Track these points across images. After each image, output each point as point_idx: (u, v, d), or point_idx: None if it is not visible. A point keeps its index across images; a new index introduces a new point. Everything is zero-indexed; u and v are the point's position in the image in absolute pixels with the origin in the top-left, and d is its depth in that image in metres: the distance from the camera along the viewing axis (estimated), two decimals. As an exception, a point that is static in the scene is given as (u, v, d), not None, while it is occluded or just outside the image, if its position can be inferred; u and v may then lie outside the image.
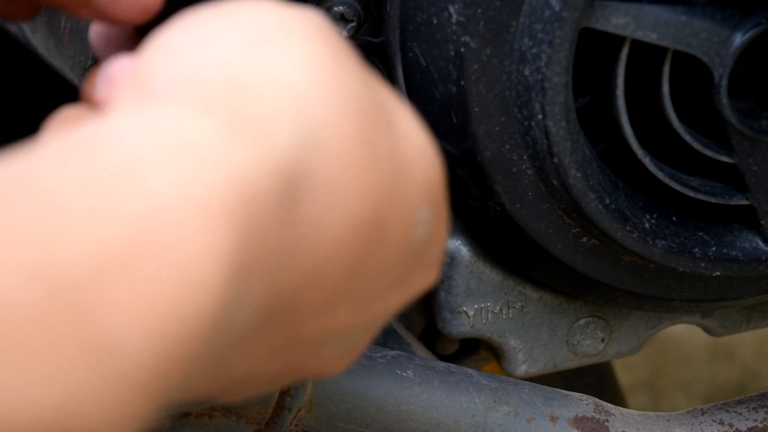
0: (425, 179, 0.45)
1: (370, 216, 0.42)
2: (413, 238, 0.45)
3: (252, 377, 0.44)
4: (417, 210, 0.44)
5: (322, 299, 0.42)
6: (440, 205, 0.46)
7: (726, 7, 0.64)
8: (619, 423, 0.74)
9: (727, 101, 0.65)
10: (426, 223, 0.45)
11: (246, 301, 0.37)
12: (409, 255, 0.45)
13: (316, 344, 0.45)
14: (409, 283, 0.47)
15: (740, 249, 0.71)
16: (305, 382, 0.69)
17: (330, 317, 0.43)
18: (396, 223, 0.43)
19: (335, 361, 0.47)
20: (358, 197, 0.41)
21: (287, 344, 0.43)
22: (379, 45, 0.71)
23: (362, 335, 0.47)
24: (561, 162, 0.66)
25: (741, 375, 1.65)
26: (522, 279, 0.77)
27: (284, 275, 0.39)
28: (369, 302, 0.45)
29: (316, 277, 0.41)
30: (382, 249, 0.43)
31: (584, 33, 0.64)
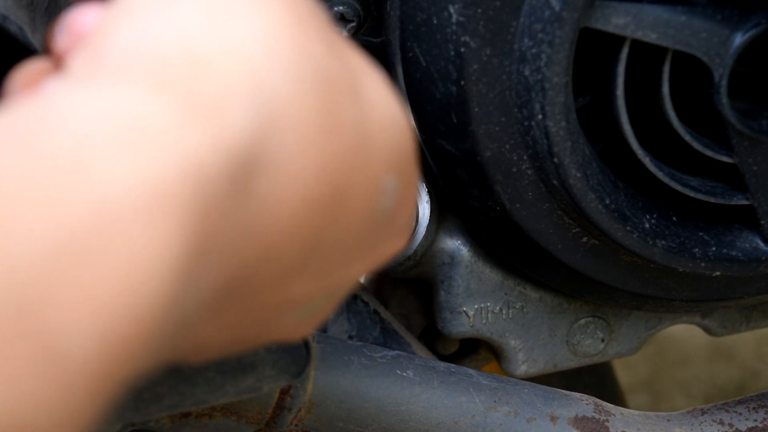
0: (392, 146, 0.43)
1: (327, 189, 0.40)
2: (378, 206, 0.43)
3: (207, 346, 0.43)
4: (382, 178, 0.43)
5: (278, 272, 0.41)
6: (408, 172, 0.45)
7: (726, 7, 0.64)
8: (619, 423, 0.74)
9: (727, 101, 0.65)
10: (392, 191, 0.44)
11: (199, 286, 0.37)
12: (373, 223, 0.44)
13: (275, 313, 0.44)
14: (375, 249, 0.46)
15: (740, 249, 0.71)
16: (305, 382, 0.69)
17: (287, 288, 0.42)
18: (358, 194, 0.42)
19: (298, 326, 0.46)
20: (315, 172, 0.40)
21: (243, 315, 0.42)
22: (379, 45, 0.71)
23: (326, 301, 0.46)
24: (561, 162, 0.66)
25: (741, 375, 1.65)
26: (522, 279, 0.77)
27: (238, 255, 0.38)
28: (330, 271, 0.44)
29: (272, 253, 0.40)
30: (342, 219, 0.42)
31: (584, 33, 0.64)
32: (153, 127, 0.35)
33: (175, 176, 0.35)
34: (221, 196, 0.36)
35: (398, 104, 0.44)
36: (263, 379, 0.61)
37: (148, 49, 0.38)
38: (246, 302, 0.41)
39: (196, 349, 0.43)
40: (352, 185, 0.42)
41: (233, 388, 0.61)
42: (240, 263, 0.39)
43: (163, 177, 0.34)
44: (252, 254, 0.39)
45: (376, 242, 0.45)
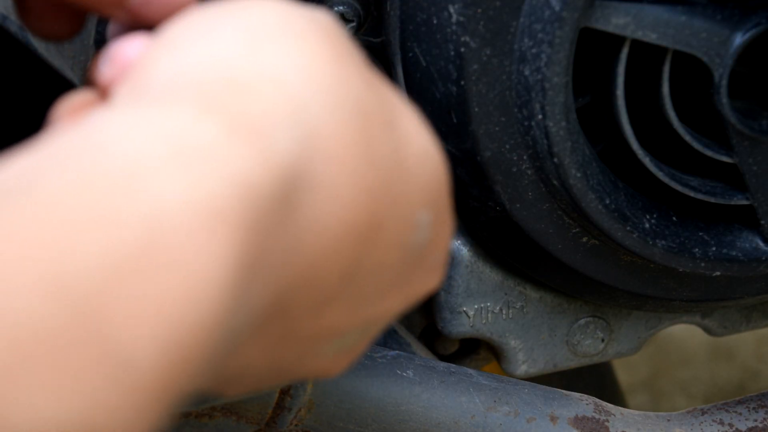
0: (426, 181, 0.44)
1: (366, 218, 0.41)
2: (412, 240, 0.44)
3: (246, 375, 0.44)
4: (416, 212, 0.44)
5: (316, 299, 0.42)
6: (442, 207, 0.46)
7: (726, 7, 0.64)
8: (619, 423, 0.74)
9: (727, 101, 0.65)
10: (426, 226, 0.45)
11: (248, 303, 0.37)
12: (408, 257, 0.45)
13: (311, 343, 0.45)
14: (410, 285, 0.47)
15: (740, 249, 0.71)
16: (305, 382, 0.69)
17: (324, 317, 0.43)
18: (394, 225, 0.43)
19: (333, 361, 0.47)
20: (355, 199, 0.41)
21: (281, 342, 0.43)
22: (379, 45, 0.71)
23: (361, 336, 0.47)
24: (561, 162, 0.66)
25: (741, 375, 1.65)
26: (522, 279, 0.77)
27: (284, 275, 0.39)
28: (365, 303, 0.45)
29: (312, 277, 0.41)
30: (378, 250, 0.43)
31: (584, 33, 0.64)
32: (202, 147, 0.36)
33: (226, 193, 0.36)
34: (270, 215, 0.37)
35: (433, 140, 0.45)
36: (263, 379, 0.61)
37: (192, 75, 0.39)
38: (285, 325, 0.42)
39: (234, 377, 0.44)
40: (389, 215, 0.43)
41: (233, 388, 0.60)
42: (284, 284, 0.40)
43: (215, 194, 0.35)
44: (294, 275, 0.40)
45: (411, 278, 0.46)
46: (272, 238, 0.38)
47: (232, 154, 0.37)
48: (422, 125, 0.45)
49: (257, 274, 0.37)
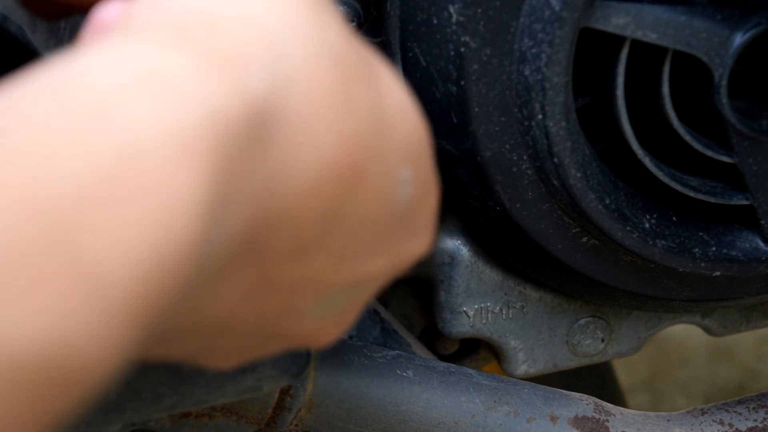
0: (406, 137, 0.45)
1: (345, 163, 0.42)
2: (395, 196, 0.45)
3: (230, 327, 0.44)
4: (398, 168, 0.45)
5: (296, 243, 0.42)
6: (424, 165, 0.46)
7: (726, 7, 0.64)
8: (619, 423, 0.74)
9: (727, 101, 0.65)
10: (408, 182, 0.45)
11: (222, 231, 0.38)
12: (392, 215, 0.45)
13: (295, 296, 0.45)
14: (397, 247, 0.47)
15: (740, 249, 0.71)
16: (305, 382, 0.69)
17: (306, 265, 0.44)
18: (375, 178, 0.44)
19: (321, 325, 0.47)
20: (334, 142, 0.41)
21: (262, 288, 0.43)
22: (379, 45, 0.71)
23: (348, 299, 0.47)
24: (561, 162, 0.66)
25: (741, 375, 1.65)
26: (522, 279, 0.77)
27: (258, 210, 0.40)
28: (350, 259, 0.45)
29: (290, 216, 0.41)
30: (360, 202, 0.43)
31: (584, 33, 0.64)
32: (175, 77, 0.37)
33: (197, 122, 0.36)
34: (242, 146, 0.38)
35: (411, 98, 0.46)
36: (263, 379, 0.61)
37: (168, 13, 0.40)
38: (264, 268, 0.42)
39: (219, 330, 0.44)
40: (370, 167, 0.43)
41: (233, 388, 0.61)
42: (259, 219, 0.40)
43: (185, 123, 0.36)
44: (271, 212, 0.40)
45: (397, 239, 0.47)
46: (246, 169, 0.38)
47: (204, 85, 0.37)
48: (401, 84, 0.46)
49: (231, 203, 0.38)
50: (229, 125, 0.37)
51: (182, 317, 0.41)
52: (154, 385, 0.58)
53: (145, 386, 0.58)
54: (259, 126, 0.39)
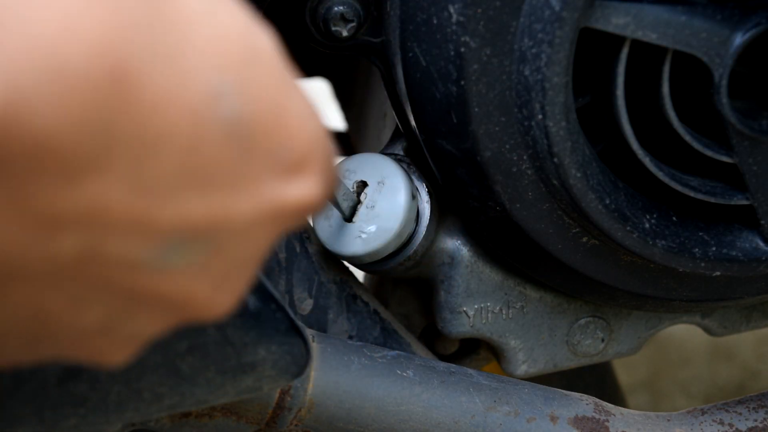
0: (216, 42, 0.39)
1: (90, 63, 0.36)
2: (210, 113, 0.38)
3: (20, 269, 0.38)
4: (210, 79, 0.38)
5: (42, 159, 0.36)
6: (258, 78, 0.40)
7: (726, 7, 0.64)
8: (619, 423, 0.74)
9: (727, 101, 0.65)
10: (230, 96, 0.39)
11: None
12: (211, 136, 0.39)
13: (95, 231, 0.38)
14: (252, 184, 0.40)
15: (740, 249, 0.71)
16: (305, 382, 0.69)
17: (81, 189, 0.37)
18: (156, 86, 0.37)
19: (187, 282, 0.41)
20: (65, 33, 0.35)
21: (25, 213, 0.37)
22: (379, 45, 0.71)
23: (205, 248, 0.40)
24: (561, 162, 0.66)
25: (741, 375, 1.65)
26: (522, 279, 0.77)
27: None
28: (159, 186, 0.38)
29: (15, 124, 0.35)
30: (137, 114, 0.37)
31: (584, 33, 0.64)
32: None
33: None
34: None
35: (223, 2, 0.40)
36: (263, 379, 0.61)
37: None
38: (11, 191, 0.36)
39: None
40: (141, 71, 0.37)
41: (233, 388, 0.61)
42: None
43: None
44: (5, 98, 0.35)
45: (247, 172, 0.40)
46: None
47: None
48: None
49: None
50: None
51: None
52: (154, 385, 0.58)
53: (145, 386, 0.58)
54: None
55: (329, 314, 0.78)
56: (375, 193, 0.72)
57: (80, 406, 0.56)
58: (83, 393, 0.56)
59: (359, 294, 0.78)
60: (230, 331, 0.59)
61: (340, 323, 0.78)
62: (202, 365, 0.59)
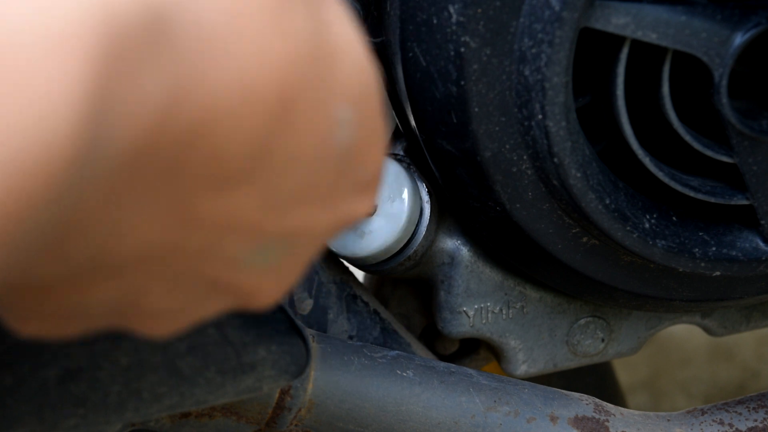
0: (349, 76, 0.42)
1: (273, 90, 0.39)
2: (331, 139, 0.42)
3: (150, 269, 0.42)
4: (336, 106, 0.42)
5: (214, 171, 0.39)
6: (367, 110, 0.44)
7: (726, 7, 0.64)
8: (619, 423, 0.74)
9: (727, 101, 0.65)
10: (348, 125, 0.43)
11: (110, 136, 0.35)
12: (327, 159, 0.42)
13: (220, 236, 0.42)
14: (336, 200, 0.44)
15: (740, 249, 0.71)
16: (305, 382, 0.69)
17: (228, 199, 0.41)
18: (309, 112, 0.41)
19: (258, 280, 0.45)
20: (260, 64, 0.39)
21: (180, 221, 0.40)
22: (379, 45, 0.71)
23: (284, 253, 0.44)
24: (561, 162, 0.66)
25: (741, 375, 1.65)
26: (522, 279, 0.77)
27: (160, 119, 0.37)
28: (281, 203, 0.42)
29: (204, 136, 0.38)
30: (292, 137, 0.41)
31: (584, 33, 0.64)
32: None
33: (81, 17, 0.34)
34: (132, 44, 0.35)
35: (360, 38, 0.43)
36: (263, 379, 0.61)
37: None
38: (182, 198, 0.40)
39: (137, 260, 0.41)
40: (302, 98, 0.40)
41: (233, 388, 0.61)
42: (164, 129, 0.37)
43: (69, 17, 0.33)
44: (178, 124, 0.38)
45: (338, 189, 0.44)
46: (138, 73, 0.36)
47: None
48: (349, 20, 0.43)
49: (122, 106, 0.35)
50: (118, 22, 0.34)
51: (83, 247, 0.38)
52: (154, 385, 0.58)
53: (145, 386, 0.58)
54: (156, 28, 0.36)
55: (329, 314, 0.78)
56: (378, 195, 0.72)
57: (80, 406, 0.56)
58: (83, 393, 0.56)
59: (359, 294, 0.78)
60: (230, 331, 0.59)
61: (340, 323, 0.78)
62: (202, 365, 0.59)
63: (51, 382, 0.55)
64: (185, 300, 0.44)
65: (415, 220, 0.73)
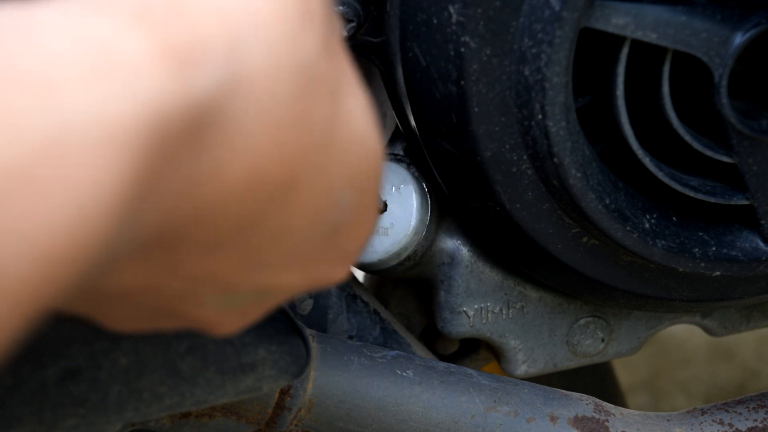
0: (357, 164, 0.44)
1: (279, 174, 0.41)
2: (327, 217, 0.44)
3: (126, 300, 0.44)
4: (338, 190, 0.44)
5: (206, 240, 0.41)
6: (367, 196, 0.45)
7: (726, 7, 0.64)
8: (619, 423, 0.74)
9: (727, 101, 0.65)
10: (346, 207, 0.44)
11: (133, 227, 0.37)
12: (318, 235, 0.44)
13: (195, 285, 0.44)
14: (315, 267, 0.46)
15: (740, 249, 0.71)
16: (305, 382, 0.69)
17: (211, 261, 0.43)
18: (311, 194, 0.42)
19: (220, 316, 0.47)
20: (271, 153, 0.40)
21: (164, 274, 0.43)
22: (379, 45, 0.71)
23: (253, 301, 0.46)
24: (561, 162, 0.66)
25: (741, 375, 1.65)
26: (522, 279, 0.77)
27: (180, 207, 0.39)
28: (262, 265, 0.44)
29: (209, 216, 0.40)
30: (287, 214, 0.42)
31: (584, 33, 0.64)
32: (125, 61, 0.35)
33: (136, 114, 0.35)
34: (175, 146, 0.37)
35: (374, 129, 0.45)
36: (263, 379, 0.61)
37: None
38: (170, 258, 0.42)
39: (111, 296, 0.43)
40: (306, 183, 0.42)
41: (233, 388, 0.61)
42: (177, 219, 0.39)
43: (123, 113, 0.34)
44: (189, 212, 0.39)
45: (319, 258, 0.46)
46: (175, 167, 0.37)
47: (154, 75, 0.35)
48: (367, 111, 0.45)
49: (149, 202, 0.37)
50: (166, 124, 0.36)
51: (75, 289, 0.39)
52: (154, 385, 0.58)
53: (145, 386, 0.58)
54: (198, 129, 0.37)
55: (329, 314, 0.78)
56: (386, 199, 0.73)
57: (80, 406, 0.56)
58: (83, 393, 0.56)
59: (359, 294, 0.78)
60: (230, 331, 0.59)
61: (340, 323, 0.78)
62: (202, 365, 0.59)
63: (51, 382, 0.55)
64: (145, 317, 0.46)
65: (423, 229, 0.73)
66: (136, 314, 0.46)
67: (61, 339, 0.55)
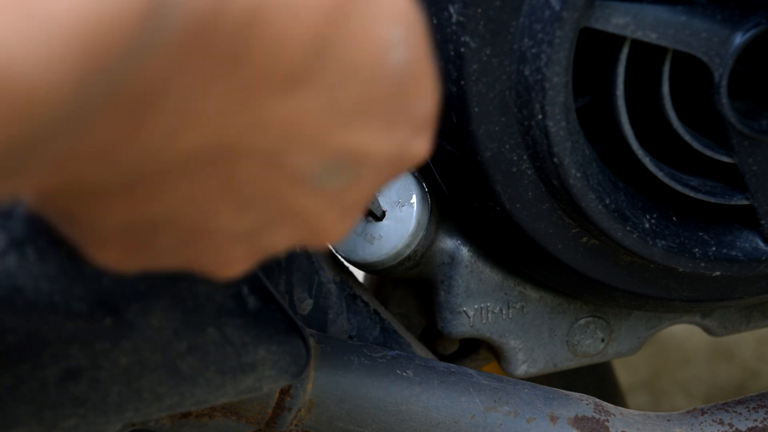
0: (394, 2, 0.45)
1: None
2: (385, 58, 0.45)
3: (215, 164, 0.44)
4: (387, 26, 0.44)
5: (280, 67, 0.42)
6: (415, 33, 0.46)
7: (726, 7, 0.64)
8: (619, 423, 0.74)
9: (727, 101, 0.65)
10: (400, 46, 0.45)
11: (175, 9, 0.38)
12: (382, 78, 0.45)
13: (285, 141, 0.44)
14: (395, 130, 0.47)
15: (740, 249, 0.71)
16: (305, 382, 0.69)
17: (291, 101, 0.43)
18: (362, 26, 0.44)
19: (323, 206, 0.47)
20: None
21: (244, 116, 0.43)
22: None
23: (346, 177, 0.47)
24: (561, 162, 0.66)
25: (741, 375, 1.65)
26: (522, 279, 0.77)
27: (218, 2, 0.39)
28: (342, 111, 0.45)
29: (260, 25, 0.41)
30: (346, 47, 0.43)
31: (584, 33, 0.64)
32: None
33: None
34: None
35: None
36: (263, 379, 0.61)
37: None
38: (252, 91, 0.42)
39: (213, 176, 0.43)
40: (355, 8, 0.43)
41: (233, 388, 0.61)
42: (217, 9, 0.39)
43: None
44: (235, 10, 0.40)
45: (396, 119, 0.46)
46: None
47: None
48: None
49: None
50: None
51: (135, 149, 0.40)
52: (154, 385, 0.58)
53: (145, 386, 0.58)
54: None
55: (329, 314, 0.78)
56: (384, 200, 0.73)
57: (80, 406, 0.56)
58: (83, 393, 0.56)
59: (359, 294, 0.78)
60: (230, 331, 0.59)
61: (340, 323, 0.78)
62: (202, 365, 0.59)
63: (51, 382, 0.55)
64: (256, 223, 0.47)
65: (423, 226, 0.73)
66: (243, 217, 0.46)
67: (61, 339, 0.55)
